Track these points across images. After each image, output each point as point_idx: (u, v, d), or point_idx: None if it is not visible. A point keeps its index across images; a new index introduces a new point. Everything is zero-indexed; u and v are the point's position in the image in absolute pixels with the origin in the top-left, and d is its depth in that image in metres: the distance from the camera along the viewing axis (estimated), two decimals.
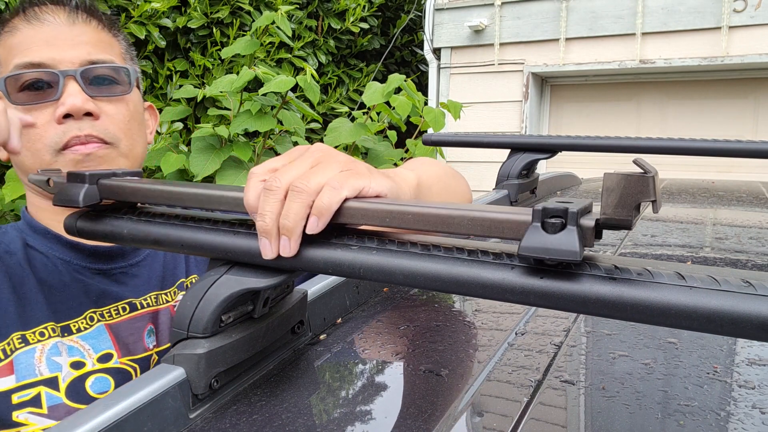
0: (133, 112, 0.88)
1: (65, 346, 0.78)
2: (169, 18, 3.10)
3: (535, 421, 0.45)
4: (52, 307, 0.79)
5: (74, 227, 0.66)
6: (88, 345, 0.80)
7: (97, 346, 0.80)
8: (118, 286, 0.85)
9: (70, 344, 0.78)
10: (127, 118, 0.86)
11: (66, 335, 0.79)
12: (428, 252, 0.46)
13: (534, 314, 0.67)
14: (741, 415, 0.46)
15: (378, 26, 4.50)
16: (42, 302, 0.79)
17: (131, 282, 0.86)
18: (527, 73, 4.21)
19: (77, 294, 0.81)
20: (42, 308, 0.78)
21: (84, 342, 0.80)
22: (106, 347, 0.80)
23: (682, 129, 4.16)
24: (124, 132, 0.85)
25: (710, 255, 0.92)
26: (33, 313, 0.78)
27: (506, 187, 1.22)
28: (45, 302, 0.79)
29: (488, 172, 4.21)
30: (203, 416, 0.47)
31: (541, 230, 0.40)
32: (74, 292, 0.81)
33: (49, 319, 0.78)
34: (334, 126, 2.55)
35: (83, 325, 0.80)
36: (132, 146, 0.86)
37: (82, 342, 0.79)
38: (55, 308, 0.79)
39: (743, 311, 0.36)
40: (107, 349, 0.80)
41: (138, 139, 0.88)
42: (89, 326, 0.81)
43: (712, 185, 1.80)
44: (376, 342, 0.62)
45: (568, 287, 0.40)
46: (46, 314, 0.78)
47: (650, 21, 3.85)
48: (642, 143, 1.05)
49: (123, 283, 0.85)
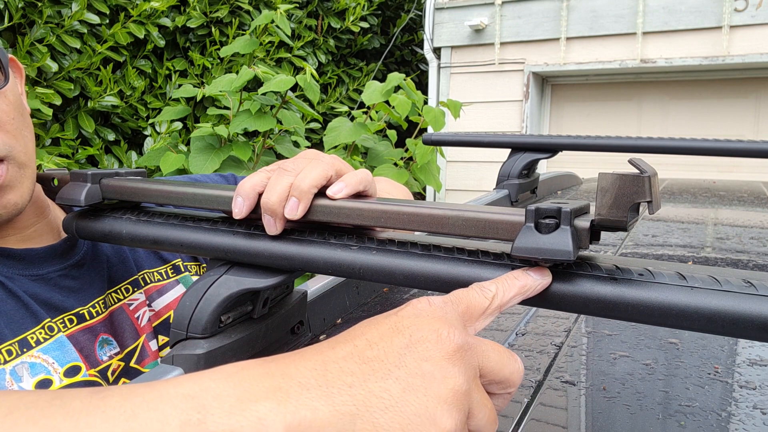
0: (15, 104, 0.68)
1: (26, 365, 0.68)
2: (168, 17, 3.10)
3: (535, 421, 0.45)
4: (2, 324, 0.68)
5: (72, 227, 0.66)
6: (52, 358, 0.71)
7: (61, 359, 0.70)
8: (60, 291, 0.73)
9: (32, 361, 0.68)
10: (11, 115, 0.67)
11: (26, 350, 0.68)
12: (428, 252, 0.46)
13: (534, 315, 0.67)
14: (742, 415, 0.46)
15: (378, 25, 4.50)
16: None
17: (73, 285, 0.75)
18: (528, 73, 4.21)
19: (17, 307, 0.69)
20: None
21: (46, 355, 0.70)
22: (71, 359, 0.71)
23: (683, 129, 4.16)
24: (14, 135, 0.67)
25: (711, 255, 0.92)
26: None
27: (507, 187, 1.21)
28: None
29: (488, 172, 4.21)
30: None
31: (534, 231, 0.40)
32: (14, 305, 0.69)
33: (5, 338, 0.68)
34: (334, 125, 2.54)
35: (41, 336, 0.70)
36: (26, 148, 0.69)
37: (44, 356, 0.69)
38: (6, 323, 0.68)
39: (744, 311, 0.36)
40: (74, 362, 0.71)
41: (28, 134, 0.70)
42: (49, 336, 0.70)
43: (713, 185, 1.80)
44: None
45: (569, 288, 0.40)
46: None
47: (651, 20, 3.84)
48: (643, 143, 1.05)
49: (64, 287, 0.74)
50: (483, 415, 0.35)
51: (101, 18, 2.78)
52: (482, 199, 1.13)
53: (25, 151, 0.68)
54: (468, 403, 0.34)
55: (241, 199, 0.53)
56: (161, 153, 2.47)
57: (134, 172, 0.65)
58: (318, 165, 0.52)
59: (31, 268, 0.72)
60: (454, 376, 0.33)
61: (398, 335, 0.35)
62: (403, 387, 0.32)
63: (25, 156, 0.68)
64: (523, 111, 4.25)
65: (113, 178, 0.63)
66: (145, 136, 3.01)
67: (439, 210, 0.46)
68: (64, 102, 2.75)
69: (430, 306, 0.37)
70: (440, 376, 0.33)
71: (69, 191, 0.63)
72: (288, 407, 0.30)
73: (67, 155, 2.71)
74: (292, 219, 0.51)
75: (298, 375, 0.32)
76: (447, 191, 4.45)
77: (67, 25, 2.64)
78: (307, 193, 0.51)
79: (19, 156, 0.67)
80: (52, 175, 0.71)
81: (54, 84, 2.67)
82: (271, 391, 0.31)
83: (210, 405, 0.30)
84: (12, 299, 0.68)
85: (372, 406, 0.31)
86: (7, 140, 0.66)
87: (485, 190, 1.39)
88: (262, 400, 0.30)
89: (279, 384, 0.31)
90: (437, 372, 0.33)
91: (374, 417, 0.31)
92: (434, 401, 0.32)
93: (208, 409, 0.30)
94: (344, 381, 0.32)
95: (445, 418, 0.32)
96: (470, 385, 0.34)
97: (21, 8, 2.53)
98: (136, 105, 2.99)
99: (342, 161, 0.55)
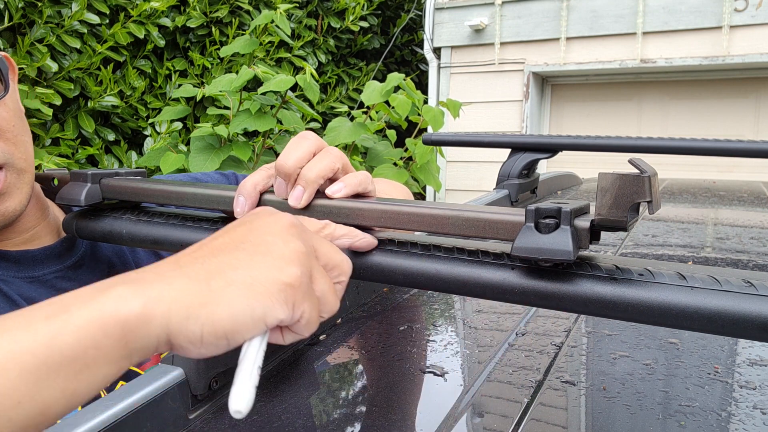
0: (14, 110, 0.68)
1: None
2: (168, 17, 3.10)
3: (535, 421, 0.45)
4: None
5: (72, 227, 0.66)
6: None
7: None
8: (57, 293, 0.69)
9: None
10: (11, 123, 0.67)
11: None
12: (428, 252, 0.46)
13: (534, 315, 0.67)
14: (742, 415, 0.46)
15: (378, 25, 4.49)
16: None
17: (70, 286, 0.72)
18: (528, 73, 4.21)
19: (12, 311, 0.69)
20: None
21: None
22: None
23: (683, 128, 4.16)
24: (14, 142, 0.67)
25: (711, 255, 0.92)
26: None
27: (507, 187, 1.21)
28: None
29: (488, 172, 4.21)
30: (202, 417, 0.47)
31: (534, 230, 0.40)
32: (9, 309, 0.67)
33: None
34: (334, 125, 2.54)
35: None
36: (26, 153, 0.69)
37: None
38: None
39: (744, 311, 0.36)
40: None
41: (27, 140, 0.70)
42: None
43: (713, 185, 1.80)
44: (376, 342, 0.62)
45: (569, 288, 0.40)
46: None
47: (651, 20, 3.84)
48: (643, 143, 1.05)
49: (61, 289, 0.72)
50: (324, 282, 0.40)
51: (101, 18, 2.78)
52: (482, 199, 1.13)
53: (24, 157, 0.68)
54: (308, 265, 0.39)
55: (243, 198, 0.53)
56: (161, 153, 2.47)
57: (134, 172, 0.65)
58: (326, 157, 0.53)
59: (27, 270, 0.71)
60: (294, 241, 0.39)
61: (240, 226, 0.41)
62: (251, 253, 0.38)
63: (25, 162, 0.68)
64: (523, 111, 4.25)
65: (113, 178, 0.63)
66: (145, 136, 3.01)
67: (439, 210, 0.46)
68: (64, 102, 2.75)
69: (265, 207, 0.44)
70: (281, 242, 0.39)
71: (69, 191, 0.63)
72: (144, 286, 0.35)
73: (67, 155, 2.71)
74: (296, 208, 0.51)
75: (151, 269, 0.37)
76: (447, 191, 4.44)
77: (67, 25, 2.64)
78: (313, 183, 0.51)
79: (19, 162, 0.67)
80: (52, 175, 0.71)
81: (54, 84, 2.67)
82: (126, 281, 0.35)
83: (71, 301, 0.34)
84: (7, 303, 0.67)
85: (223, 269, 0.37)
86: (6, 148, 0.66)
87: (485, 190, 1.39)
88: (119, 286, 0.34)
89: (133, 277, 0.36)
90: (278, 239, 0.39)
91: (226, 276, 0.36)
92: (279, 258, 0.38)
93: (70, 303, 0.34)
94: (195, 262, 0.37)
95: (290, 269, 0.37)
96: (309, 251, 0.40)
97: (21, 8, 2.53)
98: (136, 105, 2.99)
99: (347, 159, 0.55)
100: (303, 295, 0.38)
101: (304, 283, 0.38)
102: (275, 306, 0.36)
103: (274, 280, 0.37)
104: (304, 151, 0.52)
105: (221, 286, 0.36)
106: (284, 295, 0.37)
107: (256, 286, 0.36)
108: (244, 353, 0.36)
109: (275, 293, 0.36)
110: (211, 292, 0.35)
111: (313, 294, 0.39)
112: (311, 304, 0.39)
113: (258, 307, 0.36)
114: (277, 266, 0.37)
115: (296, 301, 0.37)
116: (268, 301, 0.36)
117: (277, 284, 0.37)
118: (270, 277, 0.37)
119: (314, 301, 0.39)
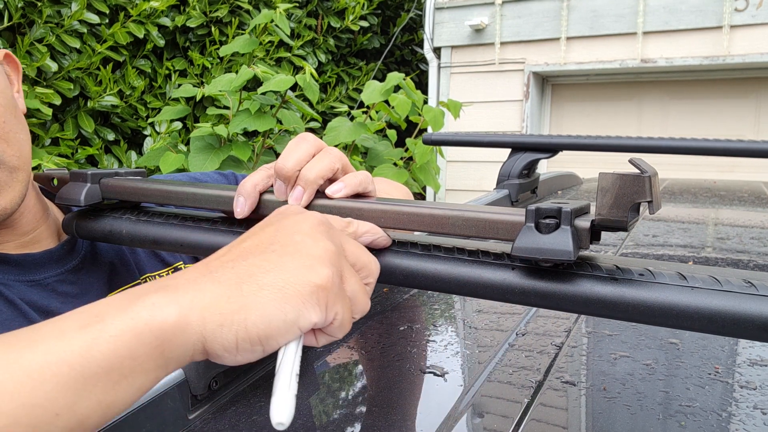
0: (6, 106, 0.64)
1: None
2: (168, 17, 3.10)
3: (536, 422, 0.45)
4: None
5: (72, 227, 0.66)
6: None
7: None
8: (58, 297, 0.71)
9: None
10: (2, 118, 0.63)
11: None
12: (428, 252, 0.46)
13: (535, 315, 0.66)
14: (742, 415, 0.45)
15: (378, 25, 4.49)
16: None
17: (71, 290, 0.72)
18: (528, 73, 4.21)
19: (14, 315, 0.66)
20: None
21: None
22: None
23: (684, 128, 4.16)
24: (6, 139, 0.63)
25: (712, 255, 0.92)
26: None
27: (507, 187, 1.21)
28: None
29: (488, 171, 4.21)
30: (202, 417, 0.47)
31: (534, 230, 0.40)
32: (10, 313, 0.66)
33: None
34: (334, 125, 2.54)
35: None
36: (20, 149, 0.65)
37: None
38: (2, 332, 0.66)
39: (745, 312, 0.36)
40: None
41: (23, 136, 0.66)
42: None
43: (713, 185, 1.80)
44: (376, 343, 0.61)
45: (569, 288, 0.40)
46: None
47: (651, 20, 3.84)
48: (643, 143, 1.05)
49: (62, 293, 0.71)
50: (354, 282, 0.40)
51: (101, 18, 2.78)
52: (482, 199, 1.13)
53: (18, 155, 0.65)
54: (339, 264, 0.38)
55: (243, 198, 0.53)
56: (161, 153, 2.47)
57: (134, 172, 0.65)
58: (325, 157, 0.52)
59: (28, 274, 0.70)
60: (323, 240, 0.38)
61: (267, 227, 0.40)
62: (280, 254, 0.37)
63: (18, 160, 0.65)
64: (524, 111, 4.25)
65: (113, 178, 0.62)
66: (145, 135, 3.01)
67: (439, 210, 0.46)
68: (64, 102, 2.75)
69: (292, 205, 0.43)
70: (311, 241, 0.38)
71: (68, 191, 0.63)
72: (177, 293, 0.34)
73: (66, 155, 2.71)
74: None
75: (182, 275, 0.36)
76: (447, 191, 4.44)
77: (67, 24, 2.64)
78: (313, 183, 0.51)
79: (11, 160, 0.64)
80: (51, 175, 0.71)
81: (54, 84, 2.67)
82: (160, 288, 0.34)
83: (104, 309, 0.33)
84: (8, 307, 0.66)
85: (254, 273, 0.36)
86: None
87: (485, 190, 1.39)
88: (152, 294, 0.34)
89: (166, 284, 0.35)
90: (308, 239, 0.38)
91: (258, 279, 0.35)
92: (309, 258, 0.37)
93: (103, 312, 0.33)
94: (225, 266, 0.36)
95: (321, 269, 0.36)
96: (339, 250, 0.39)
97: (21, 8, 2.53)
98: (136, 105, 2.99)
99: (347, 159, 0.55)
100: (335, 297, 0.37)
101: (336, 283, 0.37)
102: (308, 309, 0.35)
103: (306, 282, 0.36)
104: (303, 153, 0.52)
105: (253, 290, 0.35)
106: (317, 297, 0.36)
107: (287, 288, 0.35)
108: (281, 361, 0.35)
109: (307, 295, 0.36)
110: (243, 297, 0.35)
111: (344, 295, 0.38)
112: (344, 305, 0.38)
113: (291, 311, 0.35)
114: (308, 266, 0.36)
115: (329, 302, 0.36)
116: (300, 305, 0.35)
117: (309, 286, 0.36)
118: (301, 278, 0.36)
119: (346, 302, 0.38)
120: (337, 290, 0.37)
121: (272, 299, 0.35)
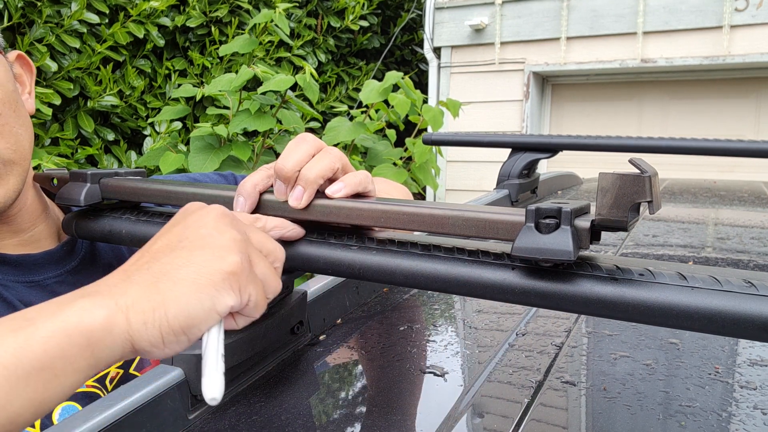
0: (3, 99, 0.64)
1: None
2: (168, 17, 3.10)
3: (536, 422, 0.45)
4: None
5: (72, 227, 0.66)
6: None
7: None
8: None
9: None
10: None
11: None
12: (428, 252, 0.46)
13: (535, 315, 0.66)
14: (743, 416, 0.45)
15: (378, 25, 4.49)
16: None
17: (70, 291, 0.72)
18: (528, 73, 4.20)
19: None
20: None
21: None
22: None
23: (684, 128, 4.15)
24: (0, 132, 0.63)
25: (712, 255, 0.92)
26: None
27: (507, 187, 1.21)
28: None
29: (488, 171, 4.21)
30: (202, 417, 0.47)
31: (534, 231, 0.40)
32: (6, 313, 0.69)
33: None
34: (333, 125, 2.54)
35: None
36: (16, 143, 0.65)
37: None
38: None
39: (745, 312, 0.36)
40: None
41: (22, 132, 0.66)
42: None
43: (713, 185, 1.80)
44: (376, 343, 0.61)
45: (569, 288, 0.40)
46: None
47: (651, 20, 3.84)
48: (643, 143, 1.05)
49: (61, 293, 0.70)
50: (263, 265, 0.43)
51: (101, 17, 2.77)
52: (482, 199, 1.13)
53: (14, 148, 0.64)
54: (246, 250, 0.41)
55: (243, 198, 0.53)
56: (161, 153, 2.47)
57: (134, 172, 0.65)
58: (325, 157, 0.53)
59: (27, 275, 0.70)
60: (229, 230, 0.41)
61: (174, 227, 0.43)
62: (190, 249, 0.40)
63: (14, 153, 0.64)
64: (524, 111, 4.25)
65: (113, 178, 0.63)
66: (145, 135, 3.01)
67: (439, 210, 0.46)
68: (64, 102, 2.75)
69: (194, 202, 0.46)
70: (216, 233, 0.41)
71: (68, 191, 0.63)
72: (103, 298, 0.37)
73: (66, 155, 2.70)
74: (297, 208, 0.51)
75: (104, 282, 0.39)
76: (447, 191, 4.44)
77: (67, 24, 2.64)
78: (313, 183, 0.51)
79: (5, 152, 0.63)
80: (51, 175, 0.71)
81: (53, 84, 2.67)
82: (86, 294, 0.37)
83: (35, 315, 0.36)
84: (6, 308, 0.66)
85: (168, 271, 0.39)
86: None
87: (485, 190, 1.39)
88: (79, 299, 0.37)
89: (91, 290, 0.38)
90: (213, 231, 0.41)
91: (172, 276, 0.38)
92: (217, 248, 0.40)
93: (35, 316, 0.35)
94: (141, 269, 0.39)
95: (230, 256, 0.39)
96: (244, 238, 0.42)
97: (20, 8, 2.53)
98: (136, 105, 2.99)
99: (347, 159, 0.55)
100: (246, 280, 0.40)
101: (245, 268, 0.40)
102: (223, 294, 0.39)
103: (217, 270, 0.39)
104: (303, 153, 0.52)
105: (169, 286, 0.38)
106: (229, 282, 0.39)
107: (200, 279, 0.38)
108: (206, 345, 0.38)
109: (220, 282, 0.38)
110: (161, 294, 0.37)
111: (255, 277, 0.41)
112: (256, 287, 0.41)
113: (207, 299, 0.38)
114: (218, 256, 0.39)
115: (241, 286, 0.40)
116: (215, 292, 0.38)
117: (220, 273, 0.39)
118: (212, 268, 0.39)
119: (258, 284, 0.42)
120: (247, 274, 0.40)
121: (188, 291, 0.38)
